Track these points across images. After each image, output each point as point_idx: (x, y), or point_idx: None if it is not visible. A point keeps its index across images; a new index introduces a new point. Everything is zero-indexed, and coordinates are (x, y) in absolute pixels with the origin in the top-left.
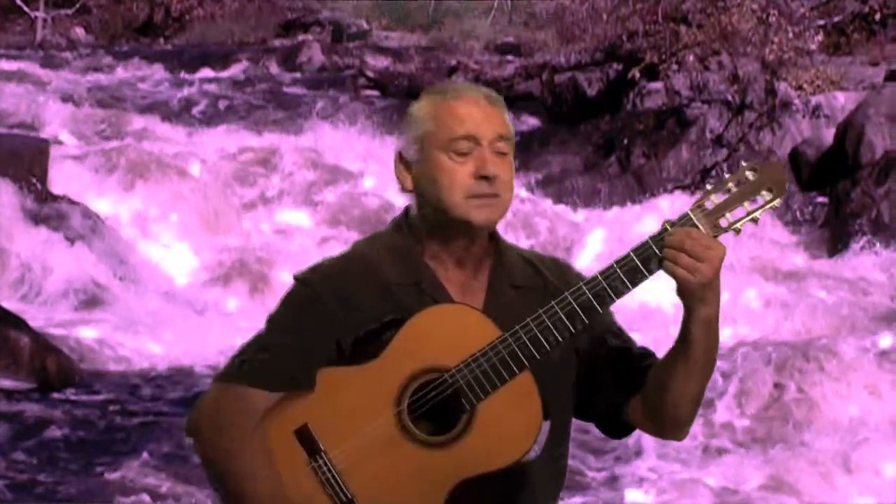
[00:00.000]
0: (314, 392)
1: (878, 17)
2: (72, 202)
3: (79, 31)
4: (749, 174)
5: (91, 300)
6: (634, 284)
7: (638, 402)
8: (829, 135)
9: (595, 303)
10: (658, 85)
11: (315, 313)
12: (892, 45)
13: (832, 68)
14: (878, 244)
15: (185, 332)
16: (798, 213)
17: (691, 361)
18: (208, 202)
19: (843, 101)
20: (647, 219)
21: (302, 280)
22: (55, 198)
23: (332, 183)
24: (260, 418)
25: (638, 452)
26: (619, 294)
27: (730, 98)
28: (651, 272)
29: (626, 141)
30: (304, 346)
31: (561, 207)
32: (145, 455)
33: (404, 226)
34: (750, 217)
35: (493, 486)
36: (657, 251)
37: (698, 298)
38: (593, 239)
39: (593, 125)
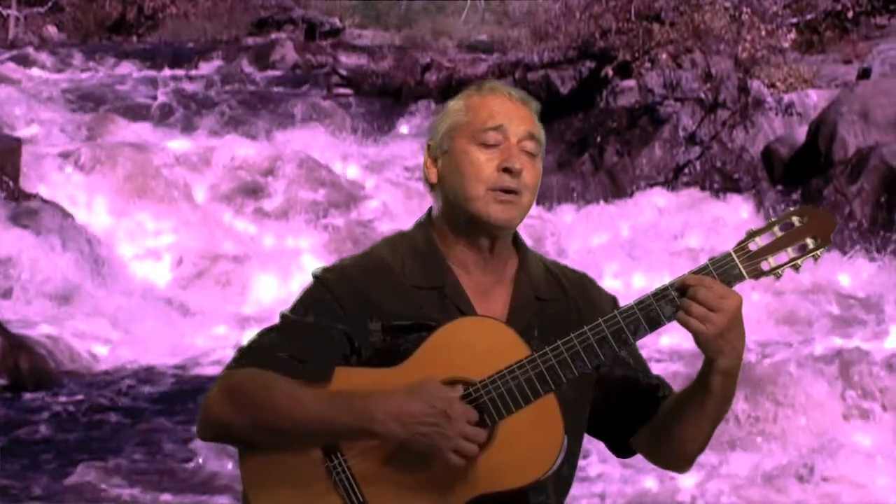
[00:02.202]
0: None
1: (850, 14)
2: (44, 201)
3: (51, 30)
4: (795, 219)
5: (64, 299)
6: (652, 329)
7: (646, 433)
8: (801, 132)
9: (629, 334)
10: (631, 83)
11: (329, 308)
12: (864, 43)
13: (805, 66)
14: (851, 242)
15: (160, 332)
16: (771, 211)
17: (706, 408)
18: (188, 202)
19: (815, 99)
20: (624, 217)
21: (319, 277)
22: (28, 196)
23: (326, 192)
24: None
25: (604, 459)
26: (654, 327)
27: (703, 96)
28: (667, 319)
29: (599, 139)
30: (315, 335)
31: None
32: (116, 459)
33: (427, 226)
34: (791, 264)
35: (506, 500)
36: (676, 297)
37: (716, 349)
38: (571, 238)
39: (566, 123)
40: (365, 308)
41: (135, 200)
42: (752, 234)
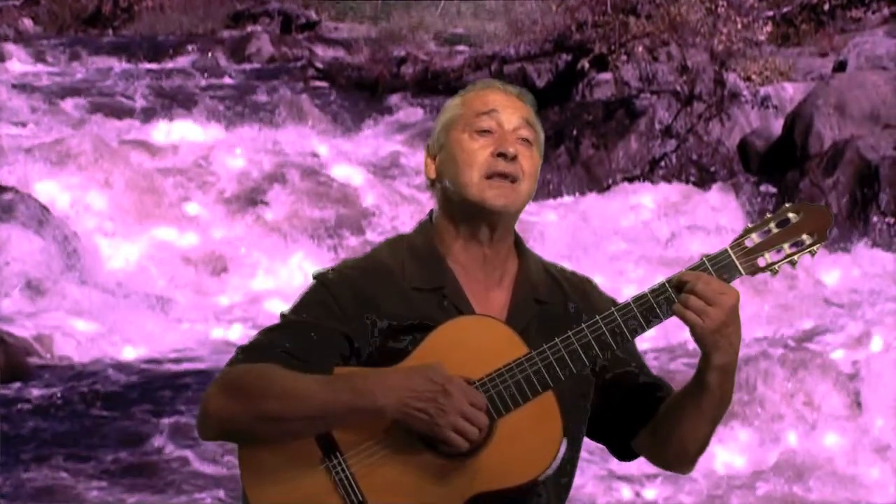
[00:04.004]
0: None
1: (826, 7)
2: (21, 194)
3: (27, 23)
4: (792, 215)
5: (41, 293)
6: (650, 325)
7: (647, 434)
8: (777, 125)
9: (626, 331)
10: (607, 76)
11: (329, 309)
12: (840, 36)
13: (781, 59)
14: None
15: (138, 327)
16: (747, 205)
17: (704, 406)
18: (171, 198)
19: (791, 92)
20: (600, 210)
21: (319, 278)
22: (3, 189)
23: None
24: None
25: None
26: (650, 324)
27: (679, 89)
28: (665, 315)
29: (575, 132)
30: (315, 334)
31: None
32: (92, 454)
33: (428, 227)
34: (788, 260)
35: (506, 500)
36: (673, 294)
37: (711, 345)
38: (550, 232)
39: (542, 116)
40: (365, 309)
41: (116, 195)
42: (748, 231)
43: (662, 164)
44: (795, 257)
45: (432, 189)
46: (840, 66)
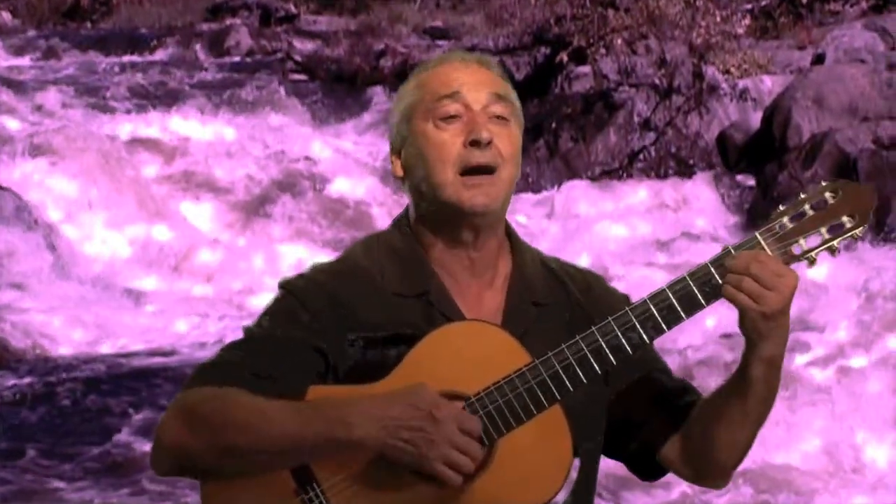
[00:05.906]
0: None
1: (804, 0)
2: (1, 188)
3: (5, 16)
4: (829, 195)
5: (19, 286)
6: (689, 314)
7: (676, 444)
8: (756, 118)
9: (643, 333)
10: (586, 69)
11: (299, 321)
12: (819, 29)
13: (759, 52)
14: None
15: (115, 319)
16: (725, 198)
17: (748, 405)
18: (148, 188)
19: (770, 85)
20: (581, 203)
21: (287, 286)
22: None
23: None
24: None
25: None
26: (671, 324)
27: (657, 82)
28: (709, 301)
29: (554, 125)
30: (283, 349)
31: None
32: (68, 450)
33: (405, 225)
34: (826, 246)
35: None
36: (718, 277)
37: (762, 333)
38: (532, 225)
39: (521, 109)
40: (340, 319)
41: (99, 189)
42: (779, 214)
43: (641, 157)
44: (835, 243)
45: (403, 188)
46: (818, 59)
